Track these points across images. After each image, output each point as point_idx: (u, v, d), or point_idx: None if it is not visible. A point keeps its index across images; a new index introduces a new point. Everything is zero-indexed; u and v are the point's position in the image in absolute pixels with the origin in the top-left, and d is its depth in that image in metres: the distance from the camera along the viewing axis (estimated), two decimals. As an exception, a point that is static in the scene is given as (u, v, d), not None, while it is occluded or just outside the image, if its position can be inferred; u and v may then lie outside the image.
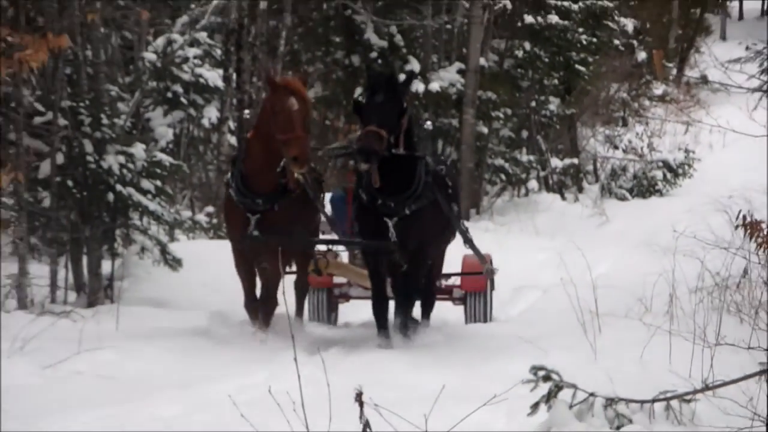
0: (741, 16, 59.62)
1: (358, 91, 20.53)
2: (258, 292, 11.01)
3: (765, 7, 57.28)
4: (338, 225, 12.44)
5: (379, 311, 10.14)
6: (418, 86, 23.21)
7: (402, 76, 9.98)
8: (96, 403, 8.60)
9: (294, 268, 11.92)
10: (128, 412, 8.35)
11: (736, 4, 59.79)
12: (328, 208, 12.68)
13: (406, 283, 10.30)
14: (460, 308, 13.12)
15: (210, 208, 20.98)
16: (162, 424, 8.12)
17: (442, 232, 10.67)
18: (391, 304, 11.13)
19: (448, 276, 13.10)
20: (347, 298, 12.60)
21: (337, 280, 12.94)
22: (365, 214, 10.20)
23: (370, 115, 9.54)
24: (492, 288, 13.23)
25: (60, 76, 15.98)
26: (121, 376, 9.74)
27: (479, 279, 12.54)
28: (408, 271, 9.98)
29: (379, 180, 9.64)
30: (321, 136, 23.94)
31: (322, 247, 11.99)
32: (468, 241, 11.62)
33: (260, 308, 10.75)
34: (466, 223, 15.80)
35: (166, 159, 16.82)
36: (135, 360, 10.34)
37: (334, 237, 11.63)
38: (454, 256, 13.14)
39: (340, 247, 12.45)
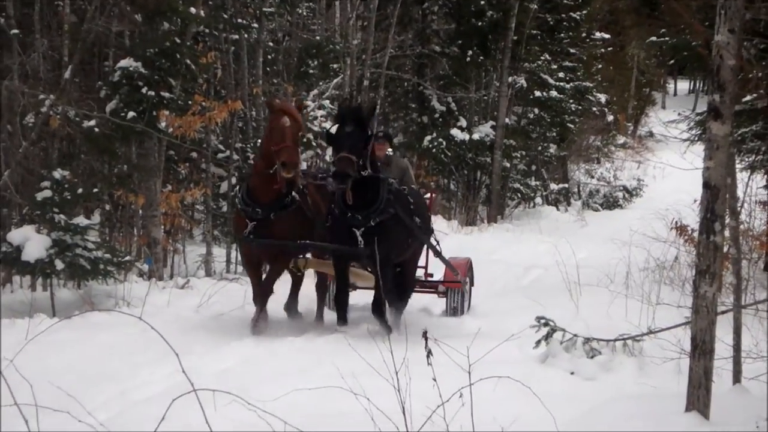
0: (675, 93, 61.62)
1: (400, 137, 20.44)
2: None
3: (691, 87, 60.05)
4: None
5: (341, 302, 9.33)
6: (464, 136, 24.20)
7: (366, 109, 8.88)
8: (248, 336, 9.44)
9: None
10: (272, 342, 9.20)
11: (672, 85, 61.99)
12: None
13: (379, 283, 9.23)
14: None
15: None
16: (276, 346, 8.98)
17: (404, 240, 9.55)
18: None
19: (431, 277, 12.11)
20: (354, 288, 11.25)
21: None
22: (338, 225, 9.24)
23: (341, 143, 8.69)
24: (471, 284, 12.35)
25: (234, 127, 17.20)
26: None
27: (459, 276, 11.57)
28: (380, 272, 8.64)
29: (351, 197, 8.82)
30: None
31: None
32: (434, 251, 10.70)
33: (258, 293, 9.96)
34: (481, 230, 15.49)
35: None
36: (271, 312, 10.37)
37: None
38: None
39: None
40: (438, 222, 21.04)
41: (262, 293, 9.79)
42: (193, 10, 14.37)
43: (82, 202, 12.71)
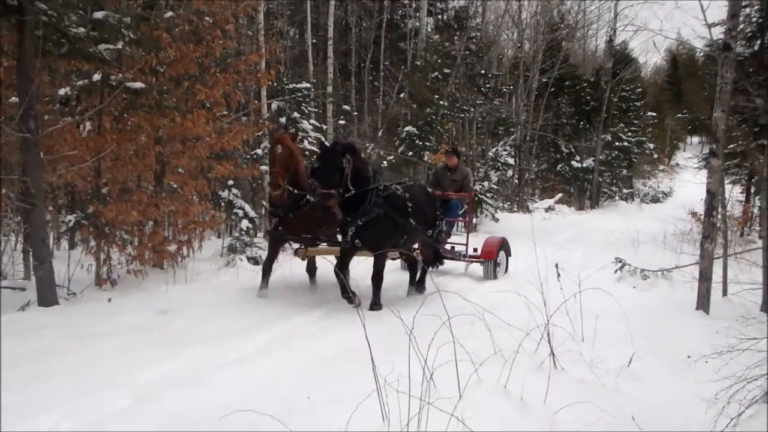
0: (690, 143, 61.80)
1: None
2: (274, 265, 8.68)
3: (699, 140, 59.35)
4: (449, 226, 11.01)
5: (343, 278, 7.51)
6: (578, 165, 28.90)
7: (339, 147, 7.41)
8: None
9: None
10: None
11: (689, 139, 62.76)
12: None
13: (375, 265, 7.87)
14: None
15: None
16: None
17: (393, 234, 7.90)
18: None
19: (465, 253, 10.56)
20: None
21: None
22: (339, 224, 7.96)
23: (319, 180, 7.28)
24: (507, 255, 10.86)
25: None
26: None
27: (491, 253, 10.26)
28: (374, 255, 7.75)
29: (340, 212, 7.70)
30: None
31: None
32: (427, 244, 8.93)
33: (266, 267, 8.51)
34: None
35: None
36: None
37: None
38: (480, 239, 11.33)
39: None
40: (563, 208, 24.43)
41: (266, 267, 8.52)
42: (442, 102, 17.77)
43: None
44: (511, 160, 22.19)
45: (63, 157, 8.48)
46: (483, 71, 22.60)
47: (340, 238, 8.11)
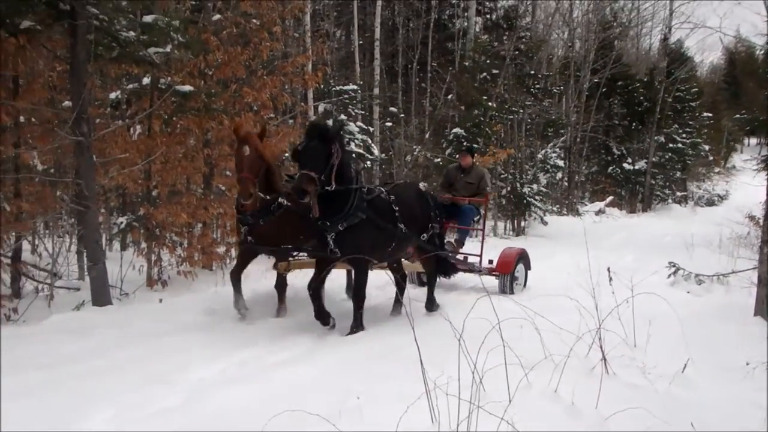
0: (748, 144, 60.57)
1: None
2: (244, 271, 7.58)
3: (759, 140, 58.55)
4: (462, 234, 9.96)
5: (319, 297, 6.77)
6: (630, 167, 28.92)
7: (333, 127, 6.49)
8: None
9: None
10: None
11: (746, 140, 61.34)
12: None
13: (355, 280, 6.93)
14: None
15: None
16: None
17: (378, 242, 6.88)
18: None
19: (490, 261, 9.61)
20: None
21: None
22: (316, 231, 6.72)
23: (303, 160, 6.27)
24: (527, 269, 9.89)
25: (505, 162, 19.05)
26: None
27: (508, 265, 9.33)
28: (354, 269, 6.85)
29: (318, 210, 6.48)
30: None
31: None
32: (422, 249, 7.87)
33: (234, 276, 7.37)
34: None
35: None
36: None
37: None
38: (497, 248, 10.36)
39: None
40: (614, 210, 24.50)
41: (233, 275, 7.39)
42: (490, 103, 17.63)
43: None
44: (560, 163, 22.16)
45: (114, 159, 8.74)
46: (532, 71, 22.53)
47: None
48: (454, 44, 25.36)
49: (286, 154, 10.02)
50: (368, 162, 17.24)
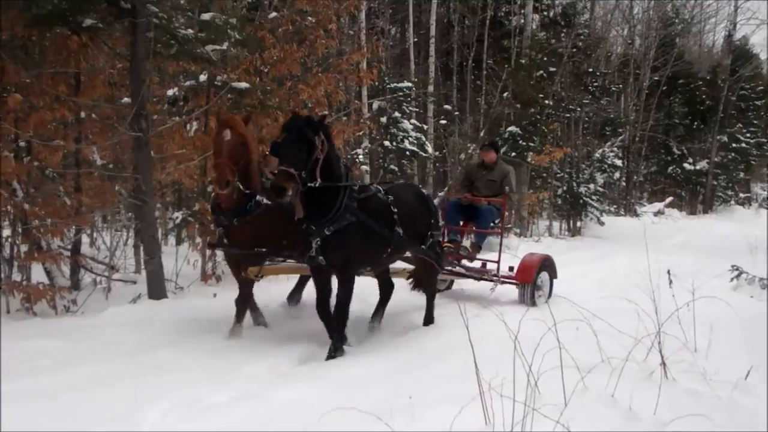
0: None
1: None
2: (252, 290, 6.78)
3: None
4: (479, 237, 9.13)
5: (324, 314, 5.92)
6: (690, 167, 28.13)
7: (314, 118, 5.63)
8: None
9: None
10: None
11: None
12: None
13: (338, 293, 5.91)
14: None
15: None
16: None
17: (369, 250, 6.06)
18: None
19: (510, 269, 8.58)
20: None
21: None
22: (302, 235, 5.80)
23: (281, 155, 5.42)
24: (552, 277, 8.82)
25: (569, 159, 18.33)
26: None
27: (529, 274, 8.36)
28: (339, 278, 5.94)
29: (302, 210, 5.76)
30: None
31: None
32: (422, 254, 7.03)
33: (239, 299, 6.64)
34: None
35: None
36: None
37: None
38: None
39: None
40: (673, 212, 24.18)
41: (242, 301, 6.68)
42: (547, 101, 17.57)
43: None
44: (618, 162, 21.99)
45: (171, 155, 8.89)
46: (590, 69, 22.35)
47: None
48: (510, 41, 25.02)
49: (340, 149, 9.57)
50: (421, 159, 17.34)
